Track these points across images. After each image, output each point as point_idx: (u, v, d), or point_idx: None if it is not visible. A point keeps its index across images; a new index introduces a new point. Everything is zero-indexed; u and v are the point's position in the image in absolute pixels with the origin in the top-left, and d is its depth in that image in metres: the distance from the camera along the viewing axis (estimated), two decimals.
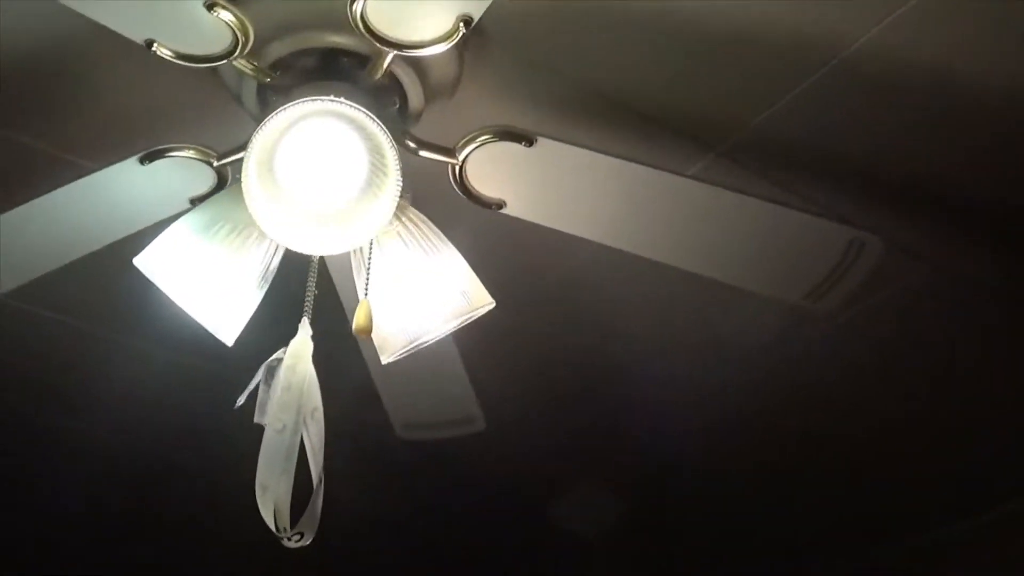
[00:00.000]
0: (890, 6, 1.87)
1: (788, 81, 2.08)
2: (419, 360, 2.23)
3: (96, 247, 1.99)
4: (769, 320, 2.78)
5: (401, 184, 1.57)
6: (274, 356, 1.67)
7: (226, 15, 1.56)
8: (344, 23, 1.56)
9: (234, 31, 1.59)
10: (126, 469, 3.53)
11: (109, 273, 2.17)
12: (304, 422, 1.60)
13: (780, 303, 2.29)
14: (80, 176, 1.86)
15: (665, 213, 1.93)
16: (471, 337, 2.04)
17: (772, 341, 2.90)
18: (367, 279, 1.68)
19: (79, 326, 2.69)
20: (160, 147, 1.84)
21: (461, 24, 1.55)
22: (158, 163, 1.84)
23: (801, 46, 1.99)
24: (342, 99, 1.56)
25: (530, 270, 2.68)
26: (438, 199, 1.87)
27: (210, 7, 1.54)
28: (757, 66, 2.05)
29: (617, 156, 1.84)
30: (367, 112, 1.56)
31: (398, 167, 1.57)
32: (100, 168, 1.84)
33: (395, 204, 1.57)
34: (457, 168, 1.84)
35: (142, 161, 1.84)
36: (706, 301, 2.71)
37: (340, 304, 2.10)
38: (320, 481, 1.62)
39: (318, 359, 1.71)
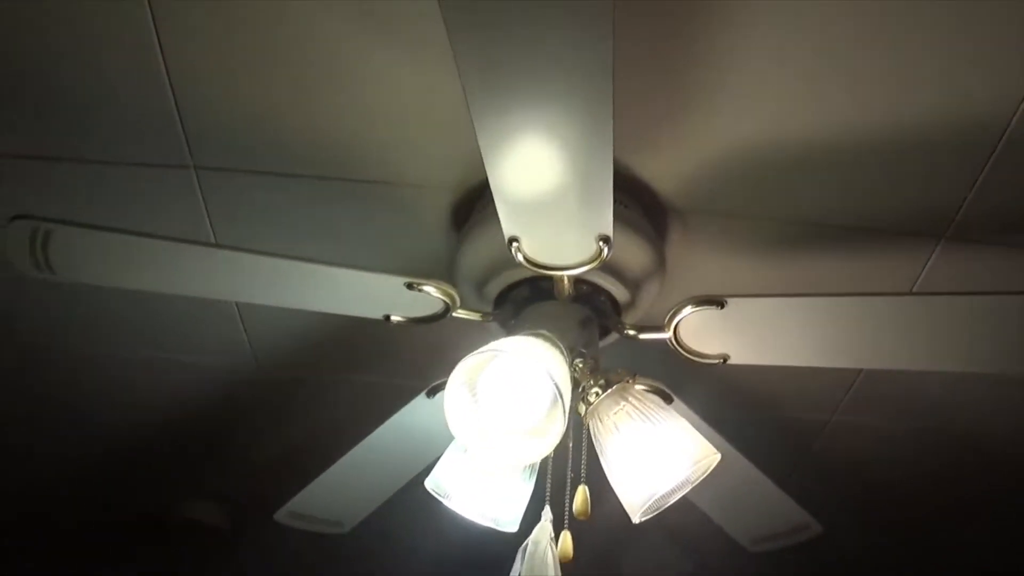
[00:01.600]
0: None
1: (974, 162, 2.18)
2: (735, 487, 2.50)
3: (407, 479, 2.45)
4: None
5: (569, 404, 1.80)
6: (526, 540, 2.00)
7: (428, 288, 1.98)
8: None
9: (440, 297, 2.00)
10: None
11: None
12: None
13: None
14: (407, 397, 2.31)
15: (872, 329, 2.05)
16: None
17: None
18: (583, 463, 1.98)
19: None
20: (438, 382, 2.26)
21: (601, 242, 1.84)
22: (440, 395, 2.26)
23: (969, 130, 2.10)
24: (517, 345, 1.86)
25: None
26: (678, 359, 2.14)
27: (410, 286, 1.96)
28: (941, 159, 2.18)
29: (807, 295, 2.02)
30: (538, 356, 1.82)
31: (568, 388, 1.83)
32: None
33: (565, 422, 1.80)
34: (672, 339, 2.10)
35: (429, 395, 2.28)
36: None
37: None
38: None
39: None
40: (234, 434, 3.37)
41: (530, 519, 2.07)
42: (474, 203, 2.31)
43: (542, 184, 1.72)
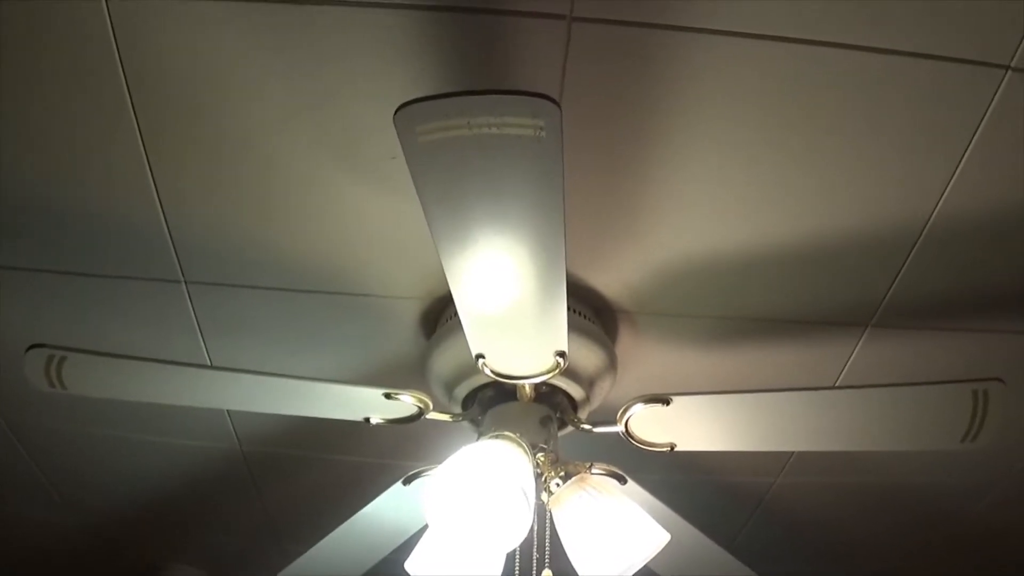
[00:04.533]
0: (945, 173, 2.19)
1: (898, 251, 2.39)
2: (691, 556, 2.71)
3: (381, 557, 2.66)
4: None
5: (533, 502, 2.02)
6: None
7: (403, 397, 2.20)
8: None
9: (415, 404, 2.22)
10: None
11: None
12: None
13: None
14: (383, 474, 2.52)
15: (805, 418, 2.27)
16: None
17: None
18: (547, 546, 2.21)
19: None
20: (414, 471, 2.47)
21: (558, 356, 2.07)
22: (416, 482, 2.48)
23: (891, 229, 2.32)
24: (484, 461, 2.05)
25: None
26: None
27: (387, 396, 2.19)
28: (865, 256, 2.40)
29: (745, 391, 2.25)
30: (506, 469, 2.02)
31: (532, 489, 2.04)
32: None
33: (530, 519, 1.99)
34: (623, 432, 2.31)
35: (405, 483, 2.49)
36: None
37: None
38: None
39: None
40: (217, 507, 3.55)
41: None
42: (441, 312, 2.55)
43: (503, 306, 1.93)
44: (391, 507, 2.55)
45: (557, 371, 2.10)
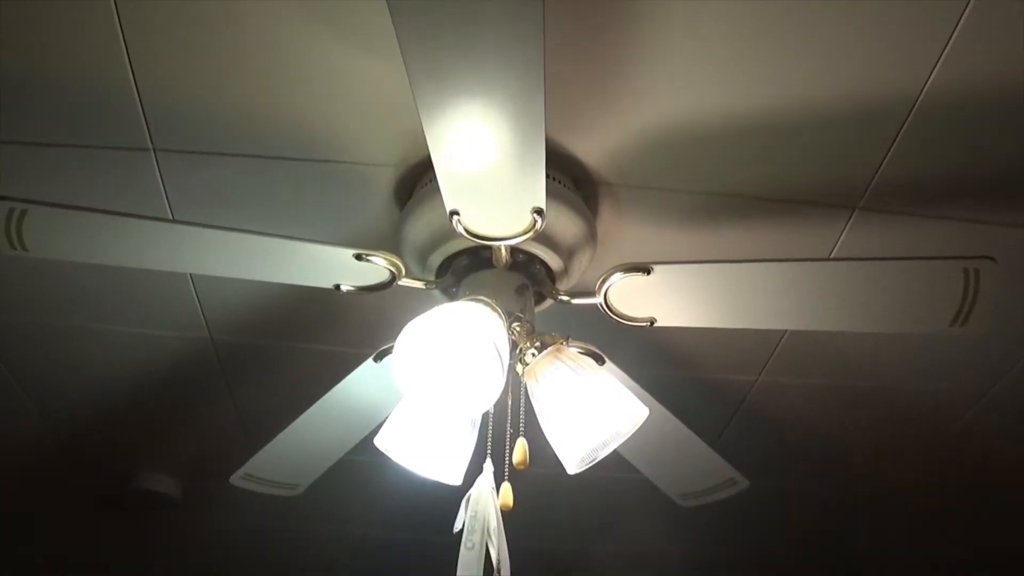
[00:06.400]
0: (936, 45, 2.12)
1: (888, 127, 2.32)
2: (663, 444, 2.66)
3: (357, 440, 2.60)
4: None
5: (507, 362, 1.96)
6: (471, 490, 2.16)
7: (375, 259, 2.12)
8: None
9: (387, 267, 2.14)
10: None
11: None
12: (490, 539, 2.08)
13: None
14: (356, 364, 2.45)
15: (793, 292, 2.21)
16: None
17: None
18: (521, 419, 2.14)
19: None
20: (385, 347, 2.40)
21: (535, 214, 1.99)
22: (386, 359, 2.40)
23: (880, 104, 2.26)
24: (456, 310, 2.01)
25: None
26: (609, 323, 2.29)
27: (358, 257, 2.10)
28: (854, 132, 2.33)
29: (729, 261, 2.18)
30: (480, 324, 1.97)
31: (507, 348, 1.99)
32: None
33: (504, 379, 1.94)
34: (602, 304, 2.25)
35: (376, 360, 2.42)
36: None
37: None
38: None
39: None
40: (188, 402, 3.49)
41: (473, 473, 2.23)
42: (416, 181, 2.46)
43: (480, 161, 1.86)
44: (363, 386, 2.49)
45: (534, 231, 2.02)
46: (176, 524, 4.26)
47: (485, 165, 1.87)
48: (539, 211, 1.98)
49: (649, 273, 2.16)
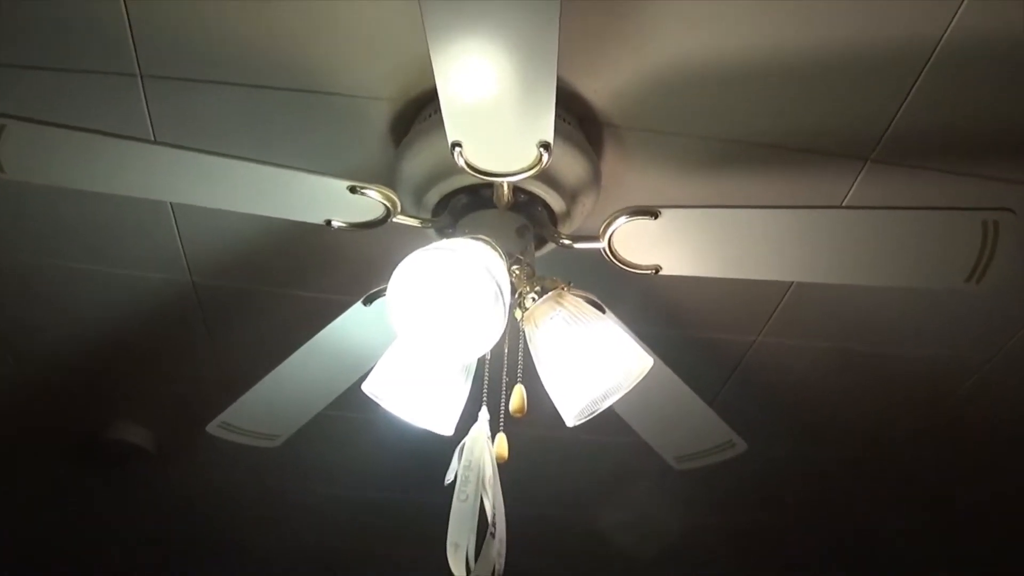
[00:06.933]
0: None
1: (903, 82, 2.24)
2: (660, 402, 2.56)
3: (342, 389, 2.49)
4: None
5: (508, 301, 1.86)
6: (463, 440, 2.05)
7: (370, 192, 2.01)
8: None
9: (381, 201, 2.03)
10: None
11: None
12: (484, 490, 1.98)
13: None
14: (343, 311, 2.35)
15: (804, 242, 2.12)
16: None
17: None
18: (519, 365, 2.04)
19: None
20: (376, 290, 2.29)
21: (541, 148, 1.88)
22: (377, 302, 2.30)
23: (898, 50, 2.17)
24: (457, 244, 1.91)
25: None
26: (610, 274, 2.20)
27: (352, 190, 1.99)
28: (870, 78, 2.24)
29: (740, 207, 2.08)
30: (479, 258, 1.86)
31: (508, 286, 1.87)
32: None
33: (505, 318, 1.85)
34: (606, 249, 2.15)
35: (366, 303, 2.31)
36: None
37: None
38: (497, 536, 1.98)
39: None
40: (167, 349, 3.37)
41: (466, 424, 2.13)
42: (413, 116, 2.34)
43: (487, 89, 1.76)
44: (350, 331, 2.39)
45: (538, 167, 1.91)
46: (150, 477, 4.13)
47: (492, 94, 1.77)
48: (546, 145, 1.88)
49: (656, 217, 2.06)
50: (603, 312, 2.23)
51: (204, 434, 2.74)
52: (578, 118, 2.32)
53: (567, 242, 2.23)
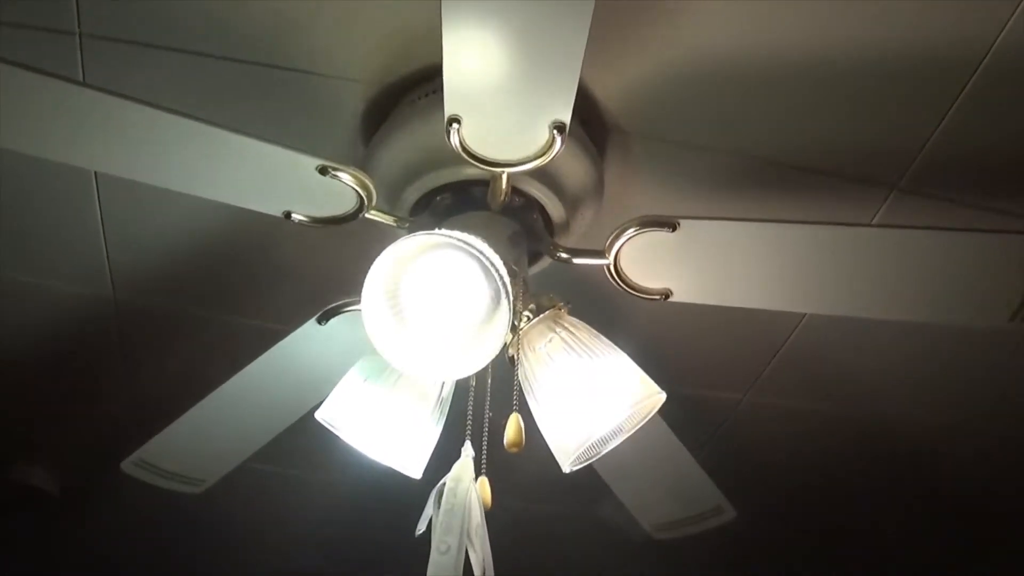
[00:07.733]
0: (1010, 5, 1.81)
1: (942, 98, 2.01)
2: (649, 460, 2.25)
3: (284, 426, 2.19)
4: None
5: (512, 310, 1.56)
6: (442, 480, 1.71)
7: (343, 176, 1.69)
8: (457, 156, 1.63)
9: (355, 189, 1.71)
10: None
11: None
12: (469, 540, 1.63)
13: None
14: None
15: (833, 266, 1.85)
16: None
17: None
18: (515, 394, 1.71)
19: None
20: (334, 305, 1.96)
21: (555, 131, 1.58)
22: (334, 321, 1.97)
23: (940, 61, 1.93)
24: (452, 231, 1.58)
25: None
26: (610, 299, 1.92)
27: (323, 171, 1.66)
28: (906, 92, 2.01)
29: (767, 220, 1.80)
30: (477, 245, 1.56)
31: (508, 294, 1.55)
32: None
33: (506, 331, 1.56)
34: (611, 267, 1.85)
35: (319, 321, 1.99)
36: None
37: None
38: None
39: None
40: (81, 373, 2.99)
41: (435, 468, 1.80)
42: (392, 104, 2.02)
43: (501, 53, 1.48)
44: (300, 355, 2.09)
45: (549, 153, 1.61)
46: (51, 525, 3.72)
47: (507, 59, 1.49)
48: (560, 127, 1.58)
49: (675, 229, 1.78)
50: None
51: (112, 478, 2.42)
52: (581, 119, 2.03)
53: (565, 256, 1.93)
